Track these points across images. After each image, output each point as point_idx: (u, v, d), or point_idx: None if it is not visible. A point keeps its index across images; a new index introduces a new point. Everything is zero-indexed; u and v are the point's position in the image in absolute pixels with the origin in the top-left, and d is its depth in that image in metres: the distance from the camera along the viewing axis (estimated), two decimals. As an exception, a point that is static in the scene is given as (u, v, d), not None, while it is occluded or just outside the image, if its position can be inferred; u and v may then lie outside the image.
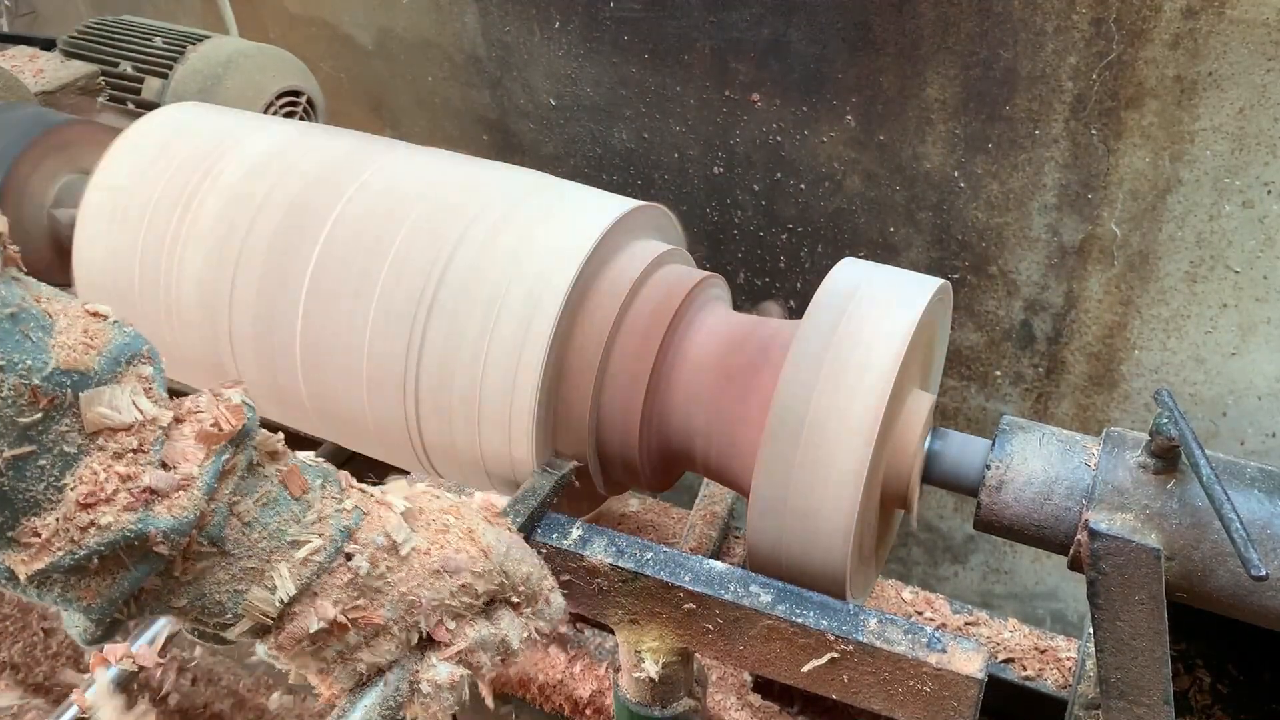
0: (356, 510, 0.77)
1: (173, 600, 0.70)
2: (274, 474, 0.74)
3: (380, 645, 0.76)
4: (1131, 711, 0.91)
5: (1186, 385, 1.81)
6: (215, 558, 0.70)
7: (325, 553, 0.74)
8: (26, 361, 0.62)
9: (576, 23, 2.01)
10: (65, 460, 0.64)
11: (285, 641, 0.74)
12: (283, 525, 0.73)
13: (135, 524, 0.64)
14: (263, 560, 0.72)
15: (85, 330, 0.66)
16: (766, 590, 0.94)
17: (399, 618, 0.76)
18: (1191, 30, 1.52)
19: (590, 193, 1.17)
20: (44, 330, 0.64)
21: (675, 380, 1.08)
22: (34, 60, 1.73)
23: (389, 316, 1.06)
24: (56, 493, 0.64)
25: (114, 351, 0.67)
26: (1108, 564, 0.87)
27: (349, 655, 0.76)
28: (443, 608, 0.78)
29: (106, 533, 0.64)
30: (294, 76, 1.80)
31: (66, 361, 0.64)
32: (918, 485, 1.03)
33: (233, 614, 0.72)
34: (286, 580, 0.72)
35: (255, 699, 1.89)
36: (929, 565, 2.34)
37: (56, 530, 0.63)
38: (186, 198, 1.18)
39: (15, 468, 0.62)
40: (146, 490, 0.65)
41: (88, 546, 0.64)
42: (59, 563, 0.64)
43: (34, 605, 1.93)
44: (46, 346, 0.63)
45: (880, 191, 1.90)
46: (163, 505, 0.66)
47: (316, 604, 0.74)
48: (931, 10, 1.68)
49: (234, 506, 0.70)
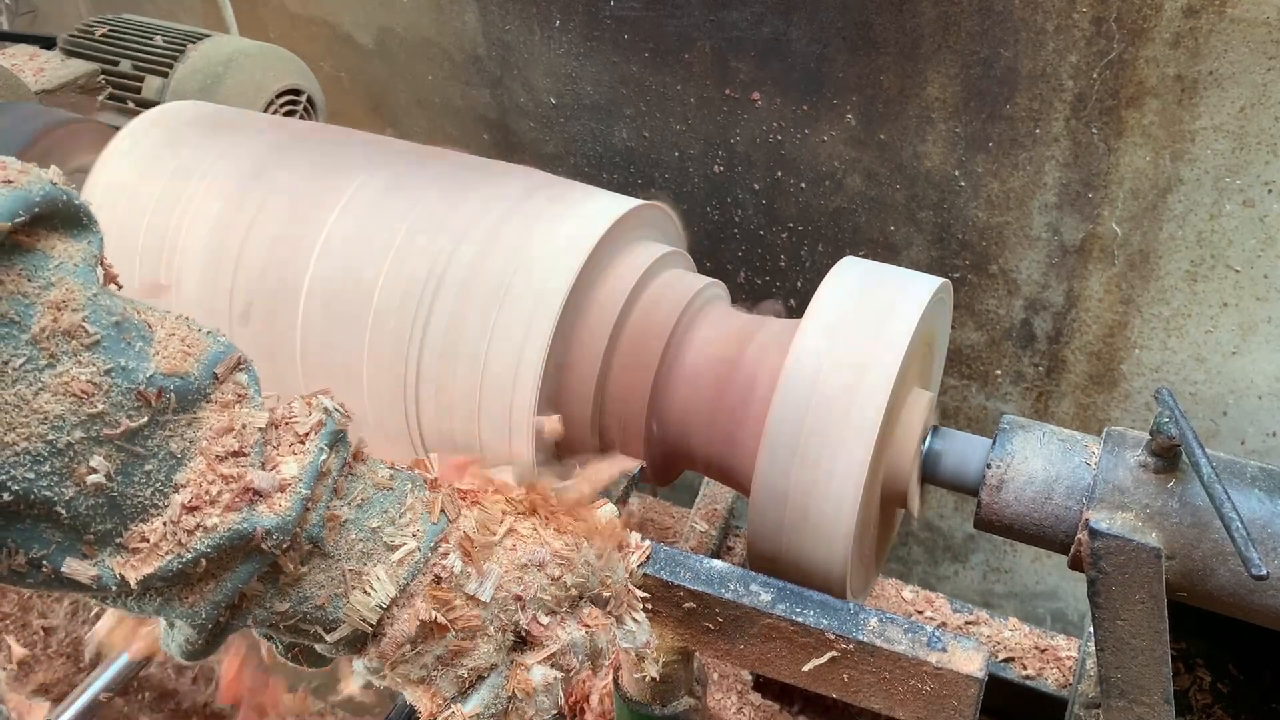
0: (443, 513, 0.78)
1: (275, 604, 0.71)
2: (365, 475, 0.76)
3: (479, 647, 0.76)
4: (1132, 711, 0.91)
5: (1187, 384, 1.81)
6: (315, 559, 0.71)
7: (420, 553, 0.75)
8: (132, 366, 0.63)
9: (577, 22, 2.01)
10: (170, 465, 0.66)
11: (388, 648, 0.74)
12: (378, 526, 0.74)
13: (240, 523, 0.66)
14: (360, 562, 0.73)
15: (183, 339, 0.68)
16: (767, 589, 0.94)
17: (494, 616, 0.77)
18: (1192, 29, 1.52)
19: (591, 191, 1.17)
20: (144, 339, 0.66)
21: (677, 379, 1.08)
22: (34, 59, 1.73)
23: (389, 313, 1.06)
24: (162, 498, 0.65)
25: (211, 358, 0.68)
26: (1108, 563, 0.87)
27: (449, 660, 0.76)
28: (535, 601, 0.79)
29: (213, 534, 0.65)
30: (294, 75, 1.80)
31: (167, 367, 0.65)
32: (918, 485, 1.03)
33: (334, 619, 0.73)
34: (385, 583, 0.73)
35: (256, 699, 1.89)
36: (929, 564, 2.34)
37: (164, 535, 0.65)
38: (186, 198, 1.18)
39: (124, 473, 0.63)
40: (249, 490, 0.67)
41: (195, 549, 0.65)
42: (168, 566, 0.65)
43: (37, 608, 1.93)
44: (148, 354, 0.65)
45: (881, 190, 1.90)
46: (265, 505, 0.67)
47: (415, 605, 0.74)
48: (932, 9, 1.68)
49: (330, 508, 0.72)
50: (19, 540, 0.61)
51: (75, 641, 1.90)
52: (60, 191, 0.63)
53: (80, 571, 0.63)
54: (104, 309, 0.63)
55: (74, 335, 0.61)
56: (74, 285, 0.62)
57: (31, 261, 0.61)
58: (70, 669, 1.88)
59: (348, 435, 0.75)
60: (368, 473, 0.76)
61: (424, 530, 0.76)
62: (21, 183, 0.60)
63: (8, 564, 0.62)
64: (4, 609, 1.88)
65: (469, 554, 0.77)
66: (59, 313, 0.61)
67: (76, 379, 0.61)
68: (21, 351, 0.59)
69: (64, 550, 0.63)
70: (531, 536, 0.80)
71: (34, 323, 0.59)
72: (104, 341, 0.63)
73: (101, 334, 0.62)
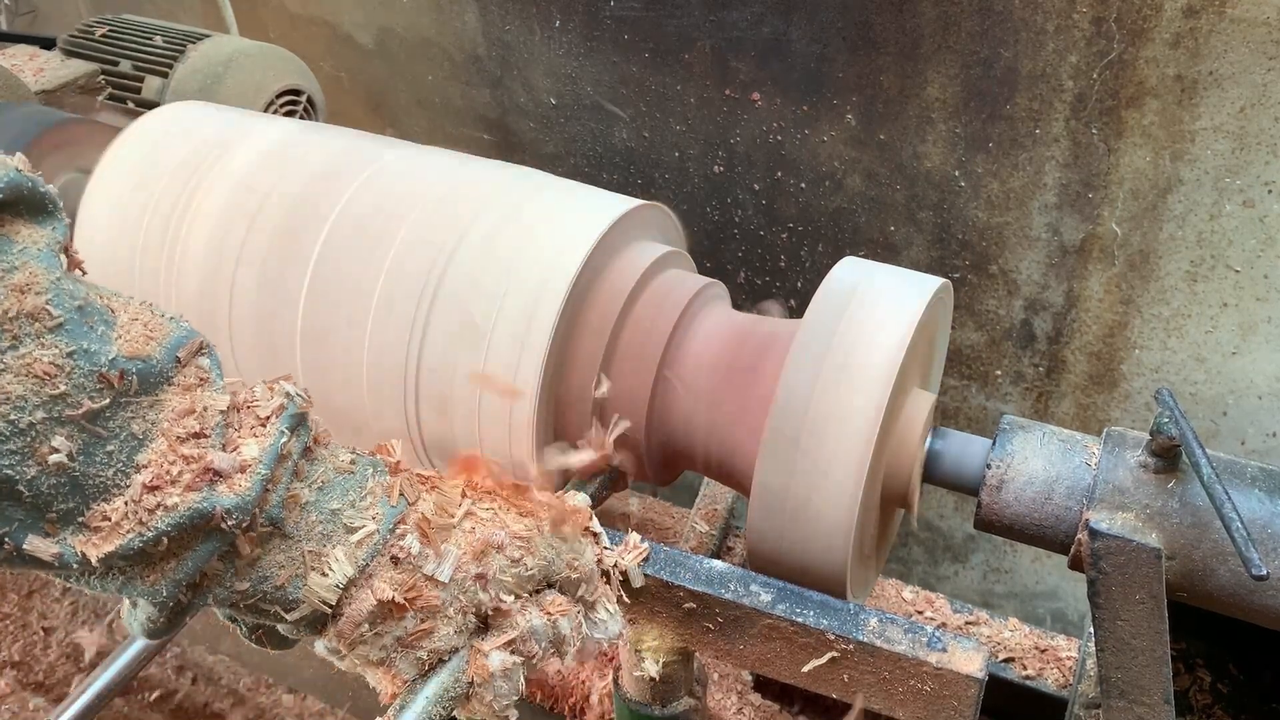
0: (402, 496, 0.79)
1: (236, 584, 0.72)
2: (326, 459, 0.77)
3: (439, 629, 0.77)
4: (1132, 711, 0.91)
5: (1187, 384, 1.81)
6: (275, 540, 0.73)
7: (379, 535, 0.76)
8: (95, 349, 0.65)
9: (577, 22, 2.01)
10: (132, 446, 0.67)
11: (345, 627, 0.75)
12: (338, 509, 0.76)
13: (200, 503, 0.67)
14: (320, 544, 0.74)
15: (145, 324, 0.70)
16: (767, 590, 0.94)
17: (453, 598, 0.77)
18: (1192, 29, 1.52)
19: (591, 191, 1.17)
20: (107, 323, 0.67)
21: (677, 379, 1.08)
22: (34, 59, 1.73)
23: (390, 314, 1.06)
24: (124, 478, 0.67)
25: (173, 342, 0.70)
26: (1108, 563, 0.87)
27: (409, 641, 0.77)
28: (496, 583, 0.79)
29: (173, 513, 0.66)
30: (294, 75, 1.80)
31: (130, 350, 0.67)
32: (918, 485, 1.03)
33: (293, 599, 0.74)
34: (343, 563, 0.75)
35: (255, 699, 1.90)
36: (929, 564, 2.34)
37: (125, 514, 0.66)
38: (186, 197, 1.18)
39: (85, 453, 0.65)
40: (210, 471, 0.68)
41: (155, 528, 0.66)
42: (129, 544, 0.66)
43: (37, 608, 1.93)
44: (110, 337, 0.67)
45: (881, 191, 1.90)
46: (225, 485, 0.68)
47: (373, 584, 0.75)
48: (932, 9, 1.68)
49: (291, 490, 0.73)
50: None
51: (75, 641, 1.90)
52: (25, 178, 0.64)
53: (42, 549, 0.64)
54: (67, 293, 0.65)
55: (37, 318, 0.63)
56: (37, 269, 0.63)
57: None
58: (70, 669, 1.88)
59: (309, 420, 0.76)
60: (329, 456, 0.78)
61: (383, 513, 0.77)
62: None
63: None
64: (4, 609, 1.88)
65: (427, 535, 0.78)
66: (22, 296, 0.62)
67: (39, 360, 0.62)
68: None
69: (26, 528, 0.64)
70: (491, 519, 0.81)
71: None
72: (66, 324, 0.64)
73: (64, 317, 0.64)
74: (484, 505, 0.82)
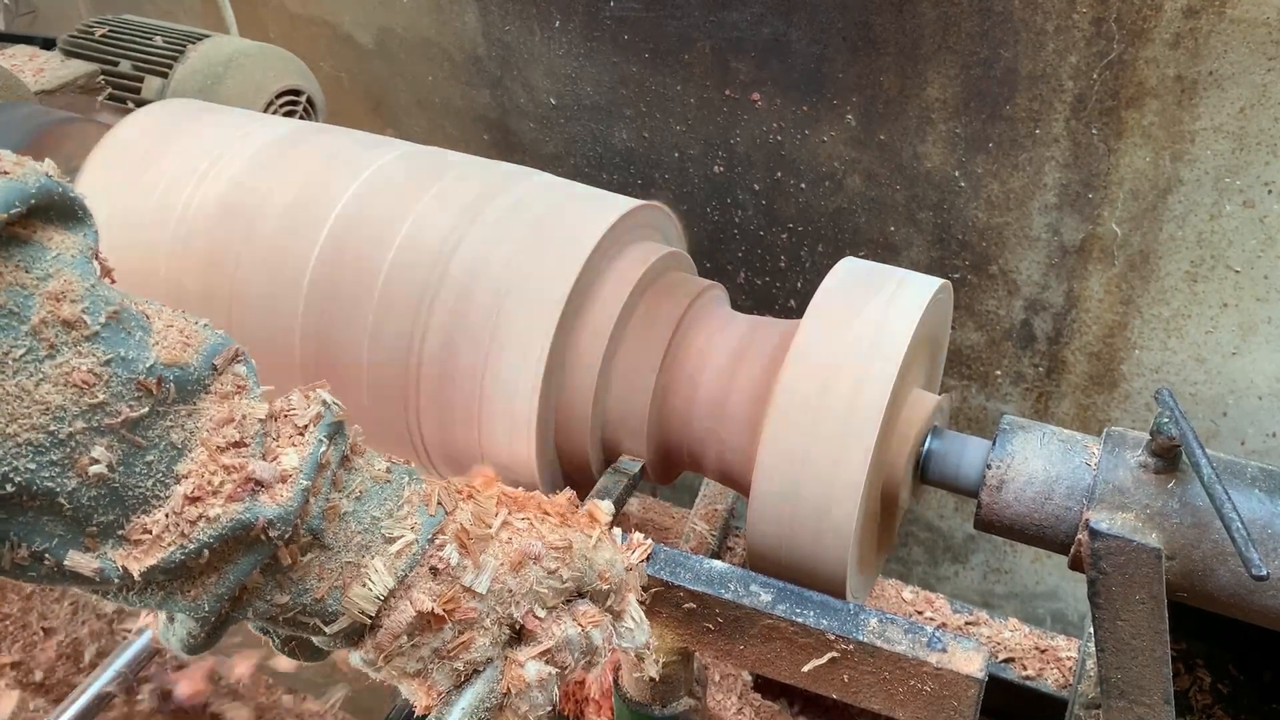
0: (440, 505, 0.78)
1: (276, 597, 0.71)
2: (363, 468, 0.76)
3: (475, 640, 0.76)
4: (1132, 711, 0.91)
5: (1187, 385, 1.81)
6: (315, 551, 0.71)
7: (417, 545, 0.75)
8: (132, 356, 0.64)
9: (577, 22, 2.01)
10: (171, 456, 0.66)
11: (384, 639, 0.74)
12: (376, 519, 0.74)
13: (243, 513, 0.65)
14: (358, 554, 0.73)
15: (181, 330, 0.68)
16: (767, 590, 0.94)
17: (490, 609, 0.77)
18: (1192, 29, 1.52)
19: (592, 192, 1.17)
20: (143, 330, 0.66)
21: (677, 381, 1.08)
22: (34, 59, 1.73)
23: (389, 315, 1.06)
24: (164, 489, 0.65)
25: (209, 349, 0.69)
26: (1108, 563, 0.87)
27: (446, 653, 0.76)
28: (531, 595, 0.79)
29: (215, 525, 0.65)
30: (294, 76, 1.80)
31: (167, 358, 0.66)
32: (909, 483, 1.03)
33: (333, 611, 0.73)
34: (383, 574, 0.73)
35: (255, 699, 1.90)
36: (929, 565, 2.34)
37: (166, 526, 0.65)
38: (185, 197, 1.18)
39: (125, 464, 0.63)
40: (251, 481, 0.67)
41: (198, 540, 0.65)
42: (171, 558, 0.64)
43: (37, 609, 1.93)
44: (147, 344, 0.65)
45: (881, 191, 1.90)
46: (267, 495, 0.67)
47: (411, 596, 0.74)
48: (932, 10, 1.68)
49: (330, 499, 0.72)
50: (21, 533, 0.61)
51: (75, 641, 1.90)
52: (55, 184, 0.63)
53: (83, 564, 0.63)
54: (102, 300, 0.64)
55: (73, 326, 0.61)
56: (72, 277, 0.62)
57: (29, 253, 0.61)
58: (70, 669, 1.88)
59: (345, 428, 0.75)
60: (365, 465, 0.76)
61: (421, 523, 0.76)
62: (17, 175, 0.60)
63: (10, 558, 0.61)
64: (5, 609, 1.88)
65: (465, 546, 0.77)
66: (58, 304, 0.61)
67: (77, 369, 0.61)
68: (21, 343, 0.59)
69: (66, 543, 0.62)
70: (527, 529, 0.80)
71: (33, 314, 0.60)
72: (103, 332, 0.63)
73: (100, 325, 0.63)
74: (519, 516, 0.81)
